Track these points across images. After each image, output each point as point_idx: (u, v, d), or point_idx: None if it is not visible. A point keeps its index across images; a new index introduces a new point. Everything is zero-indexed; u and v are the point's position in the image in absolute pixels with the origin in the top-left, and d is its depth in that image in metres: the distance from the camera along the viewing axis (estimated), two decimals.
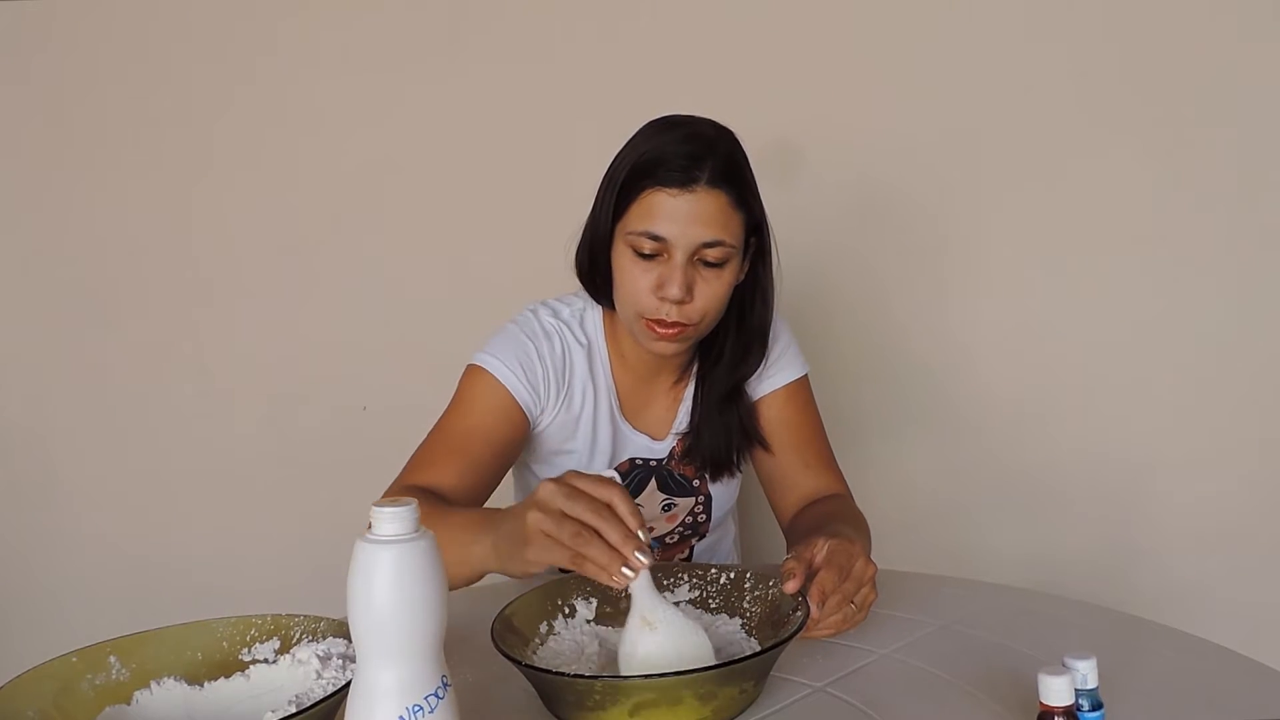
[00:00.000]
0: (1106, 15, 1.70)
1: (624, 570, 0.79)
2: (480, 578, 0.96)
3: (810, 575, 0.91)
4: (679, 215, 1.04)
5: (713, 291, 1.08)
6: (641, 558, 0.79)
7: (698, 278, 1.07)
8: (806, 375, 1.26)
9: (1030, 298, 1.77)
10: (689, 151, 1.04)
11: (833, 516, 1.10)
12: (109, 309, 1.99)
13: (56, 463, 2.03)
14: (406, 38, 1.89)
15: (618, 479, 0.83)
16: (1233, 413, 1.72)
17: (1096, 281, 1.74)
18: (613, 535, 0.78)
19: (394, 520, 0.63)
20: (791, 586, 0.89)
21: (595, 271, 1.15)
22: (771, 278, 1.17)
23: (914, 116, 1.77)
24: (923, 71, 1.76)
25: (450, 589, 0.96)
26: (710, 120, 1.10)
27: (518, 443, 1.16)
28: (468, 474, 1.10)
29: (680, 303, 1.06)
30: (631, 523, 0.79)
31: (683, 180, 1.03)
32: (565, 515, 0.79)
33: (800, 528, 1.15)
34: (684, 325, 1.08)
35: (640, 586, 0.82)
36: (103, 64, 1.96)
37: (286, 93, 1.93)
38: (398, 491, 1.07)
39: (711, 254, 1.06)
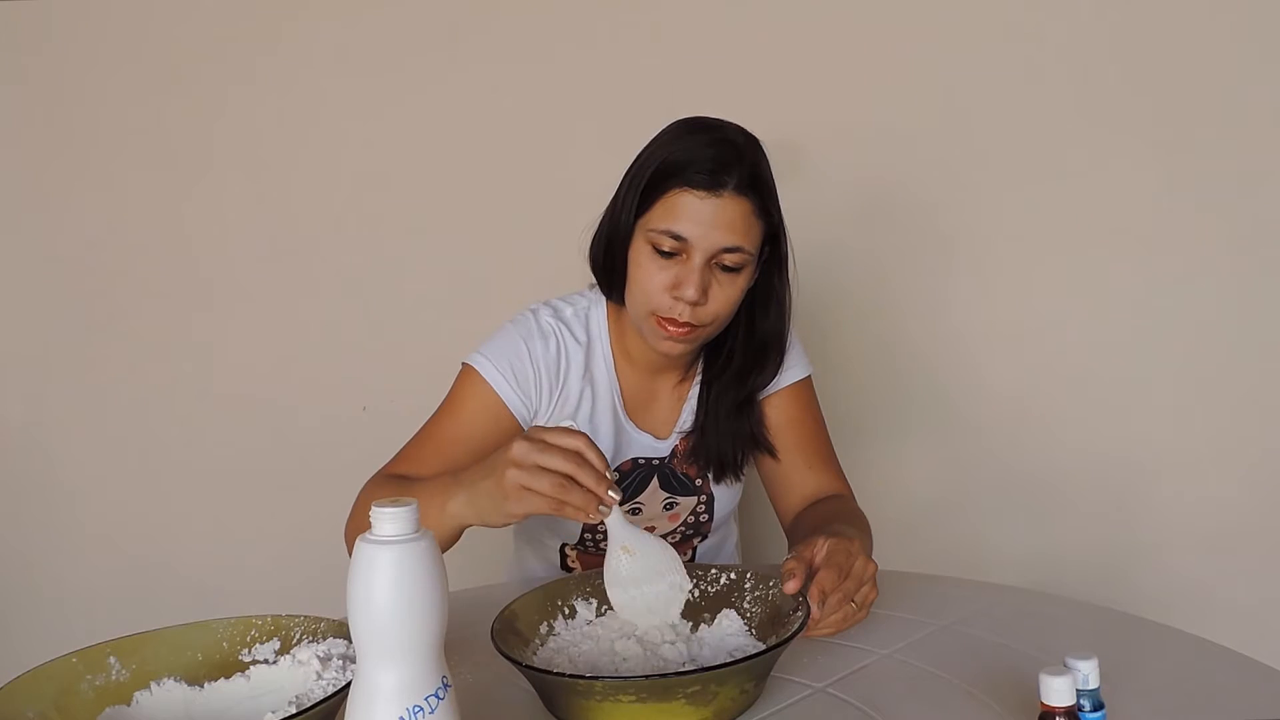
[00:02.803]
0: (1108, 16, 1.70)
1: (600, 507, 0.87)
2: (459, 535, 1.00)
3: (810, 575, 0.91)
4: (703, 218, 1.05)
5: (726, 296, 1.09)
6: (613, 494, 0.88)
7: (713, 281, 1.08)
8: (810, 376, 1.27)
9: (1032, 298, 1.77)
10: (718, 156, 1.05)
11: (834, 516, 1.11)
12: (108, 310, 1.99)
13: (56, 463, 2.02)
14: (406, 38, 1.89)
15: (576, 427, 0.90)
16: (1233, 413, 1.72)
17: (1098, 282, 1.74)
18: (587, 479, 0.86)
19: (394, 521, 0.63)
20: (792, 586, 0.89)
21: (610, 264, 1.15)
22: (788, 286, 1.18)
23: (915, 117, 1.76)
24: (924, 72, 1.76)
25: None
26: (739, 126, 1.11)
27: (504, 445, 1.17)
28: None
29: (694, 304, 1.07)
30: (600, 465, 0.87)
31: (710, 184, 1.04)
32: (541, 468, 0.86)
33: (801, 527, 1.15)
34: (694, 326, 1.09)
35: (615, 520, 0.91)
36: (101, 64, 1.96)
37: (285, 93, 1.93)
38: (379, 480, 1.12)
39: (729, 259, 1.07)
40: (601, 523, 0.90)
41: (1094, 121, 1.71)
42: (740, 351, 1.19)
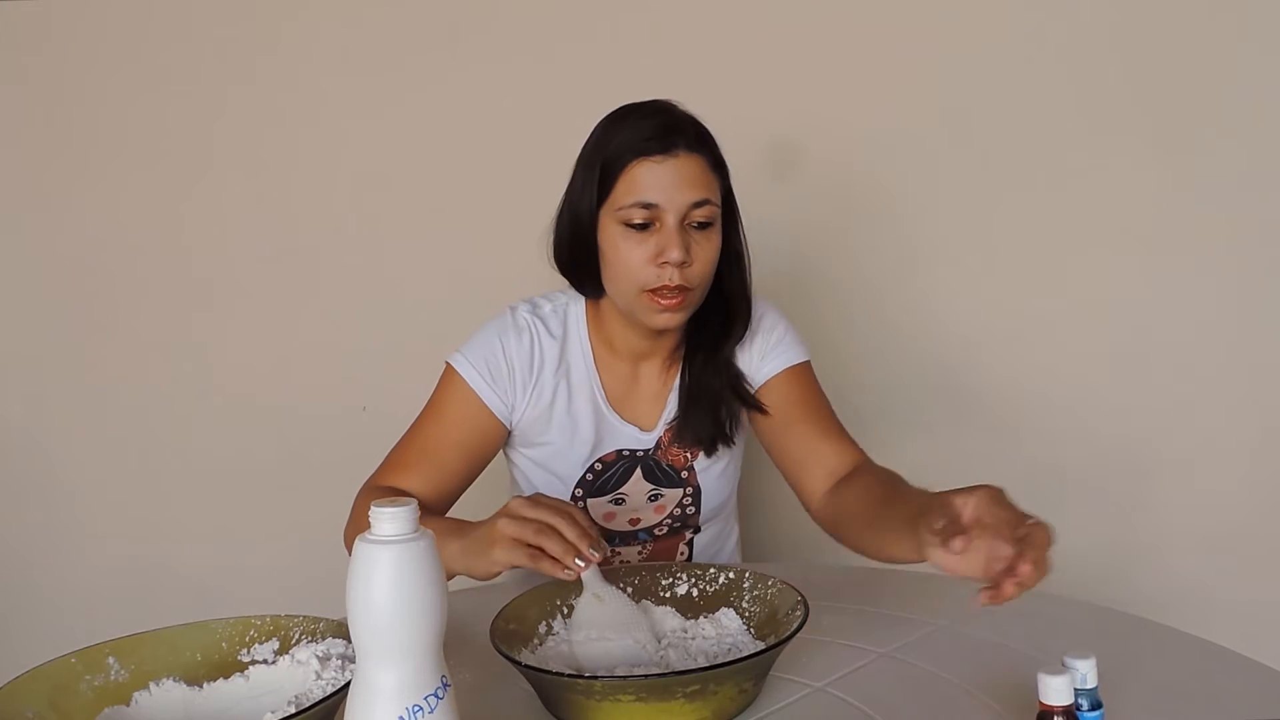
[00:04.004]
0: (1107, 15, 1.70)
1: (576, 561, 0.91)
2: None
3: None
4: (666, 181, 1.09)
5: (705, 254, 1.12)
6: (594, 552, 0.91)
7: (691, 241, 1.10)
8: (809, 362, 1.25)
9: (1031, 298, 1.77)
10: (661, 123, 1.11)
11: (890, 488, 1.04)
12: (107, 310, 1.99)
13: (56, 464, 2.02)
14: (406, 38, 1.88)
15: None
16: (1233, 412, 1.72)
17: (1097, 281, 1.74)
18: (569, 532, 0.91)
19: (393, 520, 0.63)
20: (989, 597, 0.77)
21: (578, 262, 1.17)
22: (743, 241, 1.20)
23: (915, 117, 1.76)
24: (925, 72, 1.76)
25: None
26: (666, 99, 1.16)
27: (487, 444, 1.21)
28: (436, 478, 1.17)
29: (681, 265, 1.08)
30: (586, 524, 0.92)
31: (664, 147, 1.09)
32: (528, 520, 0.92)
33: (854, 510, 1.08)
34: (686, 289, 1.10)
35: (591, 574, 0.94)
36: (101, 64, 1.96)
37: (285, 93, 1.93)
38: (368, 492, 1.16)
39: (699, 214, 1.10)
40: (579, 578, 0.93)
41: (1094, 121, 1.71)
42: (714, 315, 1.20)
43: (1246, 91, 1.67)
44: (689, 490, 1.25)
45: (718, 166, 1.13)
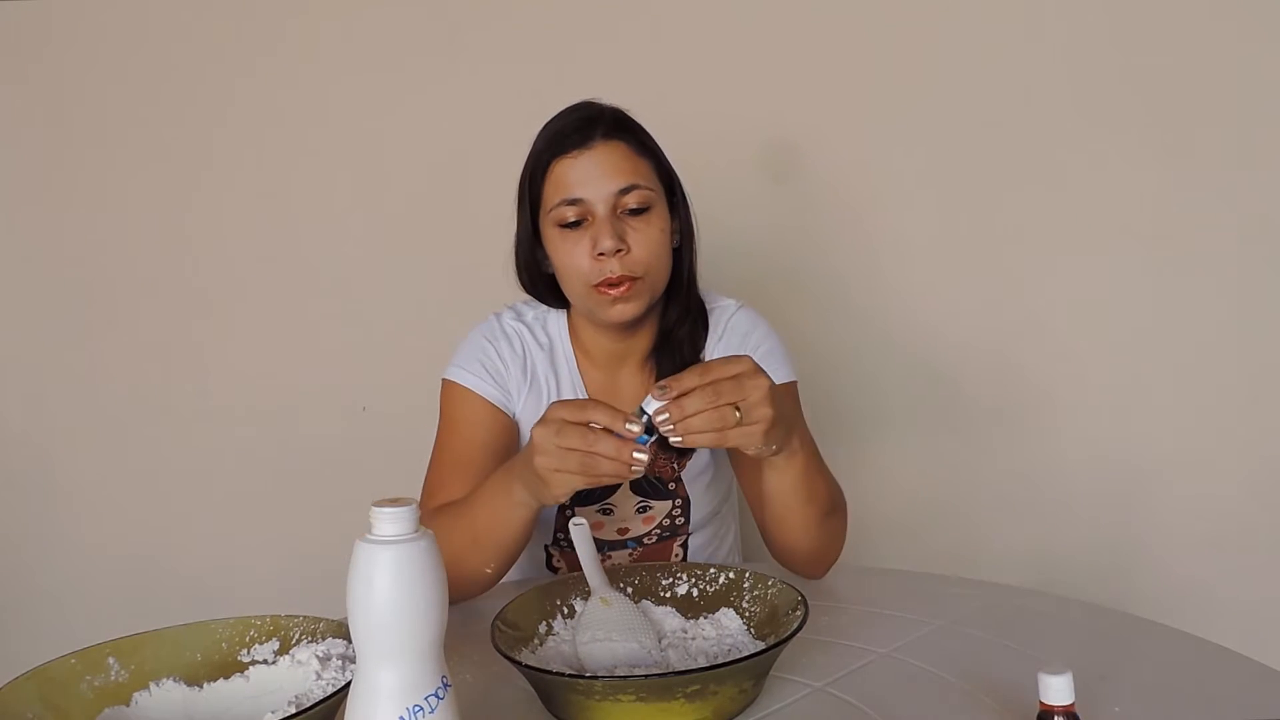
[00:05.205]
0: (1106, 14, 1.70)
1: (632, 466, 0.85)
2: (533, 516, 0.99)
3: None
4: (588, 173, 1.09)
5: (647, 239, 1.10)
6: (640, 455, 0.85)
7: (627, 228, 1.10)
8: (794, 383, 1.21)
9: (1030, 298, 1.77)
10: (577, 118, 1.12)
11: None
12: (108, 311, 1.99)
13: (56, 465, 2.02)
14: (406, 38, 1.89)
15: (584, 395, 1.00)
16: (1233, 412, 1.72)
17: (1097, 281, 1.74)
18: (607, 449, 0.85)
19: (393, 521, 0.63)
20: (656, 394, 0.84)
21: (537, 279, 1.19)
22: (691, 228, 1.19)
23: (913, 116, 1.76)
24: (921, 70, 1.76)
25: (522, 542, 1.01)
26: (588, 99, 1.16)
27: (509, 438, 1.20)
28: (476, 484, 1.11)
29: (617, 253, 1.08)
30: (615, 423, 0.85)
31: (580, 142, 1.10)
32: (563, 449, 0.86)
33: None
34: (632, 279, 1.09)
35: (598, 579, 0.95)
36: (101, 65, 1.96)
37: (286, 94, 1.93)
38: (432, 514, 1.10)
39: (631, 200, 1.10)
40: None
41: (1093, 121, 1.71)
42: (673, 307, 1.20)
43: (1246, 91, 1.67)
44: (678, 502, 1.24)
45: (645, 150, 1.13)
